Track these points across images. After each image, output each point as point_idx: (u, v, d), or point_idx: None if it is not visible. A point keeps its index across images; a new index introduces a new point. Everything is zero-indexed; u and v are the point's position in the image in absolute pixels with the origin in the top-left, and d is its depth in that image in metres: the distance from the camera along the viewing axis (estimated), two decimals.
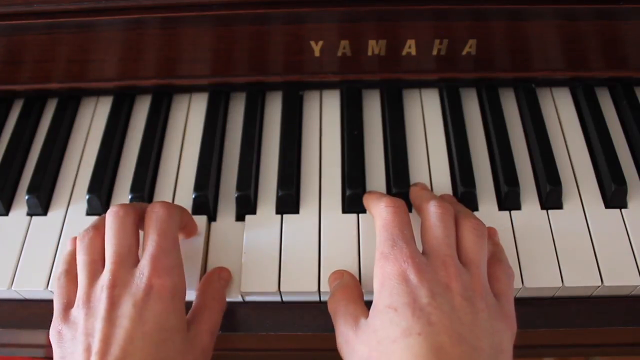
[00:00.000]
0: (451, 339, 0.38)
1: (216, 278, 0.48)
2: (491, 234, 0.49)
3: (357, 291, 0.46)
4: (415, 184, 0.53)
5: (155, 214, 0.45)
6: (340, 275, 0.48)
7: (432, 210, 0.45)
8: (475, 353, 0.38)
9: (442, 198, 0.50)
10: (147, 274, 0.41)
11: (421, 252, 0.43)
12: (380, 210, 0.45)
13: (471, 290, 0.41)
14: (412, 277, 0.40)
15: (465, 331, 0.38)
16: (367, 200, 0.50)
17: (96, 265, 0.43)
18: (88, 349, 0.39)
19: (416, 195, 0.51)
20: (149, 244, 0.43)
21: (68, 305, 0.43)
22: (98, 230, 0.45)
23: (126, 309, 0.40)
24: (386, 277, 0.41)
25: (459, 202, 0.52)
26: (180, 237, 0.50)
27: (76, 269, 0.44)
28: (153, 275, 0.41)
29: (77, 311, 0.42)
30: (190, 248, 0.51)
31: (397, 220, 0.44)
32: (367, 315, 0.42)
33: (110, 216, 0.45)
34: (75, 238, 0.47)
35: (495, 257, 0.46)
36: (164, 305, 0.41)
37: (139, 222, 0.46)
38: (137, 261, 0.43)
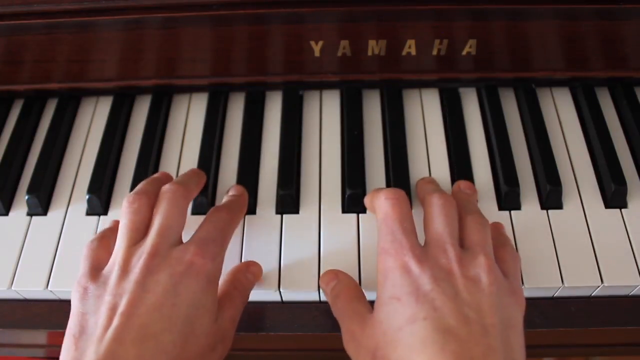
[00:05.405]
0: (458, 321, 0.38)
1: (244, 270, 0.48)
2: (498, 226, 0.50)
3: (358, 289, 0.46)
4: (423, 178, 0.53)
5: (218, 213, 0.47)
6: (334, 276, 0.47)
7: (434, 202, 0.45)
8: (485, 331, 0.38)
9: (459, 185, 0.52)
10: (192, 251, 0.42)
11: (423, 244, 0.43)
12: (380, 203, 0.45)
13: (477, 267, 0.41)
14: (414, 267, 0.40)
15: (472, 312, 0.38)
16: (368, 197, 0.50)
17: (139, 233, 0.43)
18: (113, 308, 0.39)
19: (420, 188, 0.51)
20: (202, 229, 0.44)
21: (98, 267, 0.43)
22: (149, 198, 0.45)
23: (162, 277, 0.40)
24: (388, 270, 0.42)
25: (469, 194, 0.51)
26: None
27: (110, 242, 0.45)
28: (197, 254, 0.42)
29: (110, 272, 0.41)
30: None
31: (397, 212, 0.44)
32: (371, 311, 0.42)
33: (168, 192, 0.45)
34: (116, 221, 0.47)
35: (500, 242, 0.46)
36: (199, 284, 0.41)
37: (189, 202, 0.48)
38: (179, 241, 0.44)
